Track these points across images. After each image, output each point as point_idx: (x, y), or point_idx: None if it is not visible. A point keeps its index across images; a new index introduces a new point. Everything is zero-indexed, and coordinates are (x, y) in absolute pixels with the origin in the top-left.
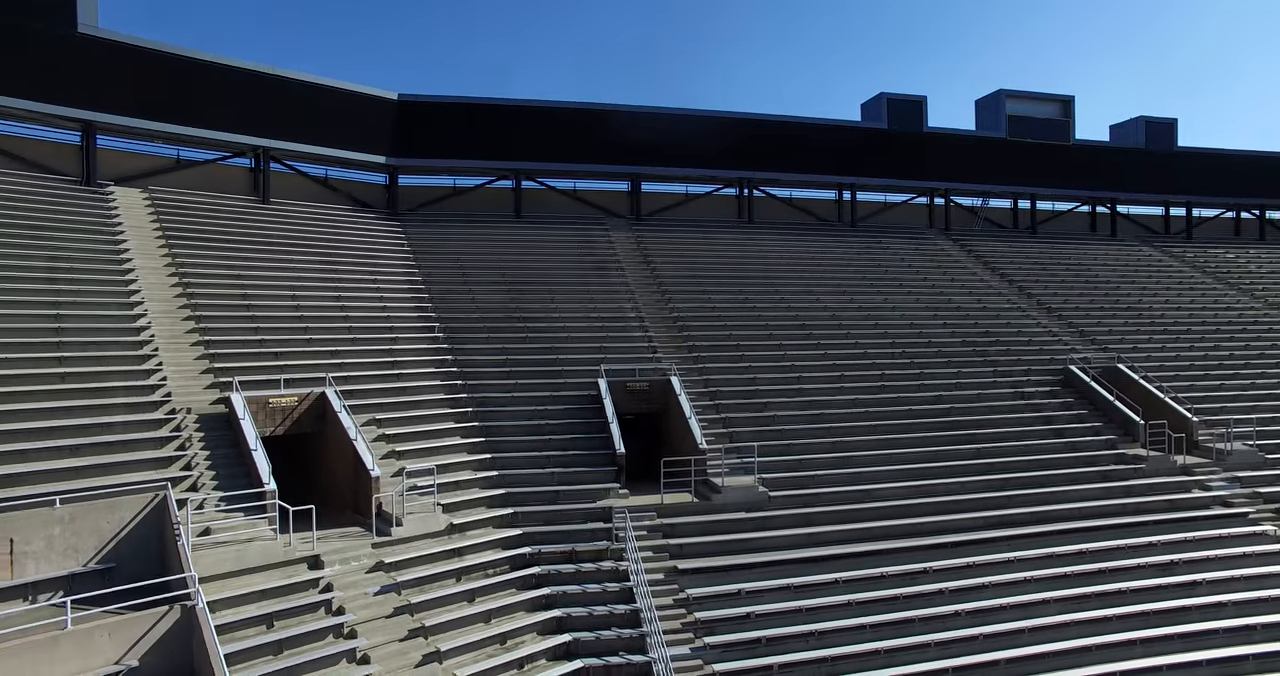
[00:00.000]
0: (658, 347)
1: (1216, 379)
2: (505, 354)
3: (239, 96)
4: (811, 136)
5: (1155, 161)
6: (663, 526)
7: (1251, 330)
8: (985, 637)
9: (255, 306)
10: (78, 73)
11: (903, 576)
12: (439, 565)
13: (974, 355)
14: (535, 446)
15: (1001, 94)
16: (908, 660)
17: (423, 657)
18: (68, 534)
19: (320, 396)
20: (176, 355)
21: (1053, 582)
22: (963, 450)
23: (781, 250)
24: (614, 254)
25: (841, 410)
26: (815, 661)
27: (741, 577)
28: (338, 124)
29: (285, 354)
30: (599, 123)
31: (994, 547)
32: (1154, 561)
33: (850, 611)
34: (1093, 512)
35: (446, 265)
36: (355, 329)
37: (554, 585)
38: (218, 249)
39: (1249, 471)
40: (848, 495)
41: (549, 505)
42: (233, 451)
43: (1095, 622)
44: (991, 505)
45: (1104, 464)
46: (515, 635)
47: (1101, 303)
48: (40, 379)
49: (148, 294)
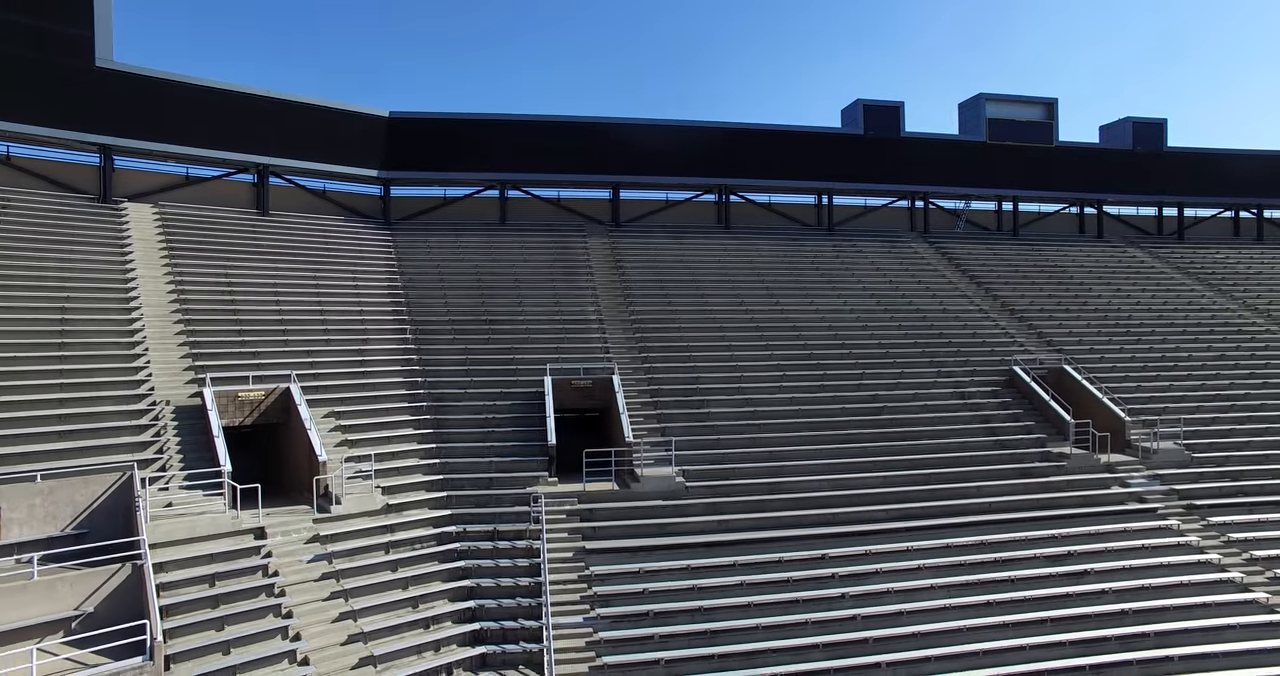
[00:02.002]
0: (611, 348)
1: (1167, 380)
2: (467, 354)
3: (241, 118)
4: (789, 143)
5: (1143, 162)
6: (581, 511)
7: (1219, 332)
8: (863, 618)
9: (240, 310)
10: (96, 102)
11: (799, 561)
12: (371, 539)
13: (920, 356)
14: (479, 438)
15: (981, 98)
16: (785, 636)
17: (339, 615)
18: (47, 504)
19: (285, 391)
20: (164, 353)
21: (943, 570)
22: (892, 446)
23: (752, 254)
24: (587, 259)
25: (777, 408)
26: (697, 634)
27: (644, 558)
28: (333, 141)
29: (262, 353)
30: (579, 135)
31: (896, 537)
32: (1049, 552)
33: (740, 591)
34: (1004, 507)
35: (427, 271)
36: (331, 330)
37: (472, 558)
38: (214, 258)
39: (1173, 469)
40: (765, 486)
41: (483, 490)
42: (202, 438)
43: (973, 607)
44: (908, 498)
45: (1029, 461)
46: (428, 600)
47: (1068, 304)
48: (42, 373)
49: (145, 300)
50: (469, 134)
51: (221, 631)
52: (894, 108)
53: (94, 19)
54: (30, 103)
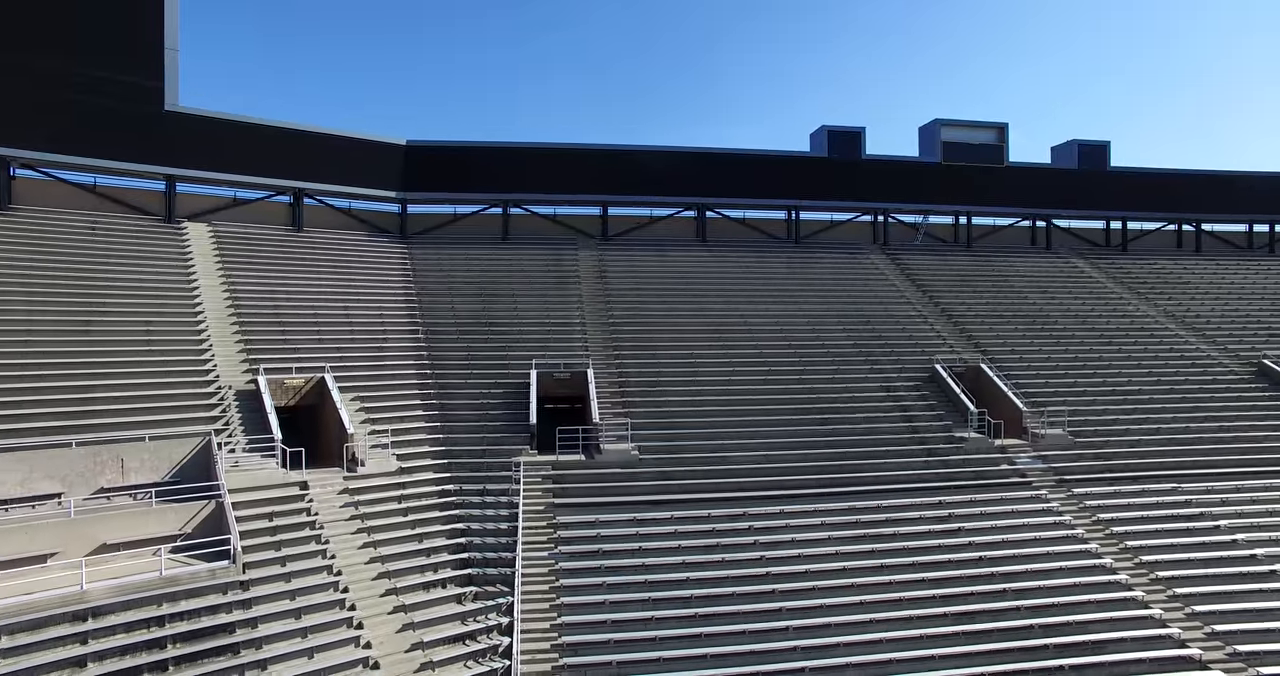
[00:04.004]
0: (589, 347)
1: (1073, 377)
2: (469, 351)
3: (279, 149)
4: (761, 165)
5: (1088, 181)
6: (554, 476)
7: (1132, 335)
8: (767, 559)
9: (283, 313)
10: (164, 139)
11: (724, 517)
12: (387, 492)
13: (857, 355)
14: (475, 418)
15: (937, 122)
16: (703, 567)
17: (363, 544)
18: (153, 459)
19: (320, 379)
20: (224, 348)
21: (842, 526)
22: (820, 430)
23: (724, 266)
24: (576, 270)
25: (725, 398)
26: (635, 566)
27: (600, 512)
28: (357, 166)
29: (301, 349)
30: (573, 159)
31: (808, 501)
32: (934, 515)
33: (673, 537)
34: (906, 479)
35: (437, 280)
36: (356, 330)
37: (465, 508)
38: (259, 269)
39: (1056, 451)
40: (707, 459)
41: (476, 459)
42: (257, 415)
43: (859, 555)
44: (825, 471)
45: (935, 444)
46: (430, 536)
47: (1001, 310)
48: (135, 365)
49: (207, 305)
50: (476, 159)
51: (279, 551)
52: (855, 133)
53: (164, 72)
54: (113, 141)
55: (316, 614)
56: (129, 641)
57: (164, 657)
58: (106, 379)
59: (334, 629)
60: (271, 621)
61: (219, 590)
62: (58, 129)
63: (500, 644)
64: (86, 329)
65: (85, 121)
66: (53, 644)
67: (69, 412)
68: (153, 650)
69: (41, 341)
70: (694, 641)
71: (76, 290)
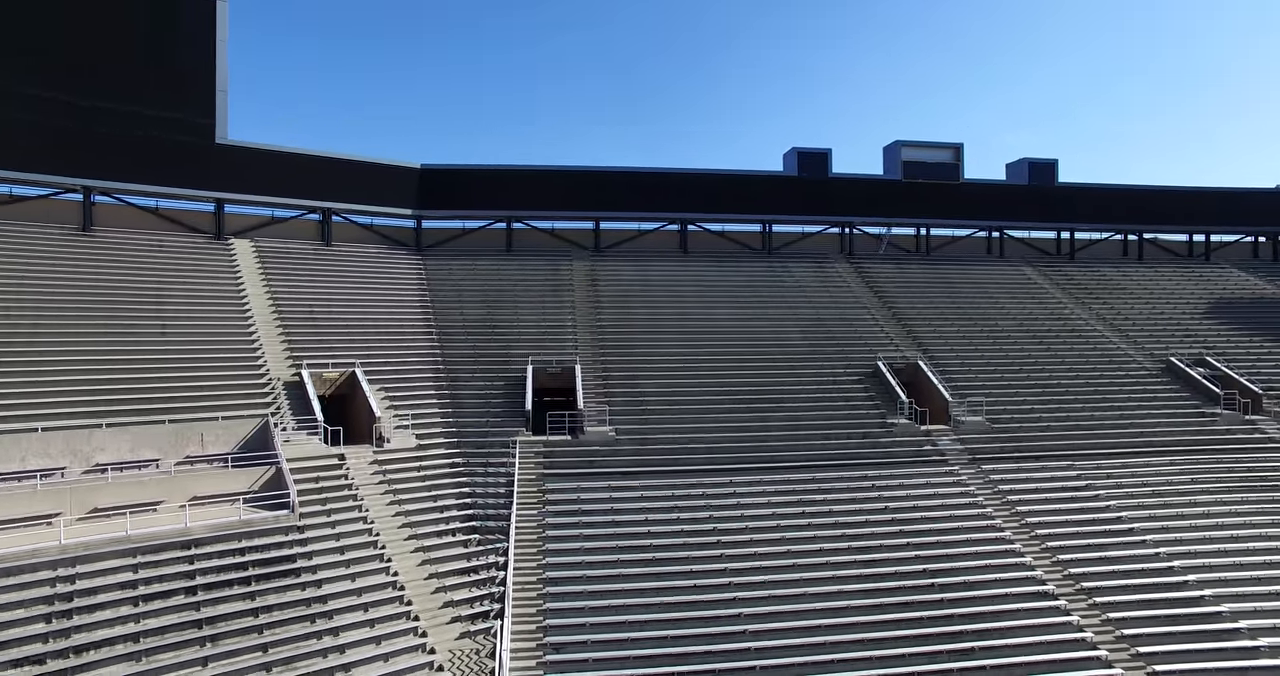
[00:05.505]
0: (579, 346)
1: (1000, 371)
2: (475, 349)
3: (311, 173)
4: (737, 183)
5: (1037, 195)
6: (544, 452)
7: (1062, 335)
8: (715, 518)
9: (317, 316)
10: (215, 168)
11: (683, 486)
12: (409, 464)
13: (810, 353)
14: (480, 406)
15: (898, 143)
16: (662, 524)
17: (390, 502)
18: (224, 434)
19: (352, 373)
20: (272, 347)
21: (780, 495)
22: (770, 417)
23: (702, 274)
24: (571, 279)
25: (693, 389)
26: (606, 522)
27: (581, 480)
28: (377, 188)
29: (335, 348)
30: (569, 180)
31: (753, 474)
32: (860, 487)
33: (639, 501)
34: (841, 458)
35: (448, 288)
36: (381, 331)
37: (471, 477)
38: (296, 279)
39: (974, 434)
40: (673, 440)
41: (480, 438)
42: (302, 402)
43: (792, 516)
44: (772, 450)
45: (869, 428)
46: (442, 497)
47: (947, 313)
48: (203, 361)
49: (255, 310)
50: (482, 180)
51: (325, 506)
52: (823, 154)
53: (215, 111)
54: (173, 171)
55: (356, 551)
56: (221, 563)
57: (247, 576)
58: (182, 372)
59: (370, 562)
60: (322, 555)
61: (282, 531)
62: (129, 162)
63: (498, 576)
64: (163, 330)
65: (151, 155)
66: (170, 562)
67: (156, 398)
68: (238, 571)
69: (127, 341)
70: (651, 578)
71: (150, 298)
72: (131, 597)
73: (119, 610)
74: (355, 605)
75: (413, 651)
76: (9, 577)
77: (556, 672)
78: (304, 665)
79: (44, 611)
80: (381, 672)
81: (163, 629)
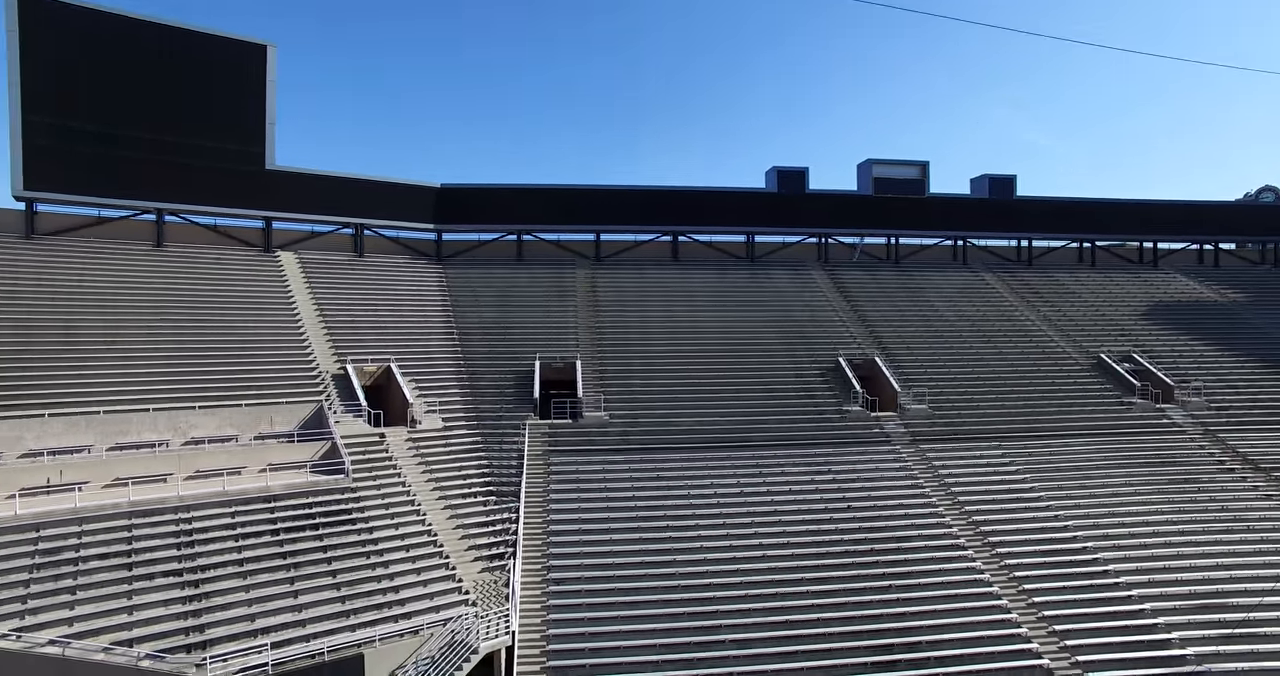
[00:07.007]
0: (580, 344)
1: (947, 366)
2: (491, 348)
3: (346, 193)
4: (724, 199)
5: (997, 208)
6: (549, 433)
7: (1009, 334)
8: (689, 487)
9: (356, 319)
10: (265, 190)
11: (663, 459)
12: (437, 441)
13: (781, 350)
14: (496, 394)
15: (870, 161)
16: (646, 491)
17: (422, 471)
18: (288, 416)
19: (388, 367)
20: (319, 345)
21: (745, 470)
22: (741, 403)
23: (691, 281)
24: (574, 286)
25: (677, 382)
26: (598, 489)
27: (579, 455)
28: (403, 205)
29: (371, 346)
30: (573, 196)
31: (724, 450)
32: (814, 463)
33: (627, 474)
34: (799, 439)
35: (467, 294)
36: (409, 332)
37: (488, 453)
38: (336, 286)
39: (917, 420)
40: (656, 424)
41: (496, 421)
42: (347, 391)
43: (755, 486)
44: (739, 431)
45: (826, 415)
46: (465, 467)
47: (908, 314)
48: (265, 357)
49: (303, 314)
50: (495, 197)
51: (371, 472)
52: (800, 172)
53: (265, 140)
54: (230, 194)
55: (398, 507)
56: (295, 514)
57: (315, 523)
58: (250, 366)
59: (409, 515)
60: (372, 509)
61: (339, 491)
62: (194, 186)
63: (510, 527)
64: (229, 331)
65: (212, 180)
66: (258, 511)
67: (233, 386)
68: (308, 519)
69: (203, 341)
70: (634, 532)
71: (217, 304)
72: (234, 534)
73: (225, 544)
74: (399, 546)
75: (445, 580)
76: (148, 517)
77: (558, 598)
78: (363, 587)
79: (173, 542)
80: (422, 592)
81: (258, 557)
